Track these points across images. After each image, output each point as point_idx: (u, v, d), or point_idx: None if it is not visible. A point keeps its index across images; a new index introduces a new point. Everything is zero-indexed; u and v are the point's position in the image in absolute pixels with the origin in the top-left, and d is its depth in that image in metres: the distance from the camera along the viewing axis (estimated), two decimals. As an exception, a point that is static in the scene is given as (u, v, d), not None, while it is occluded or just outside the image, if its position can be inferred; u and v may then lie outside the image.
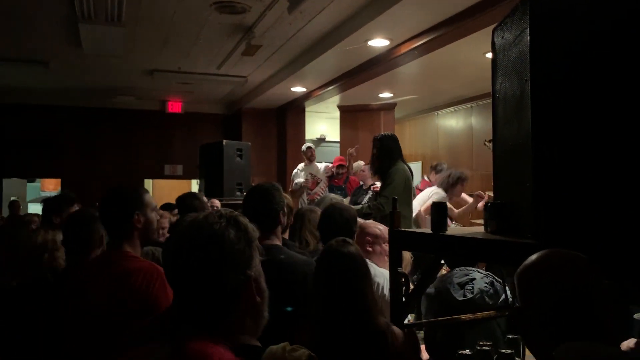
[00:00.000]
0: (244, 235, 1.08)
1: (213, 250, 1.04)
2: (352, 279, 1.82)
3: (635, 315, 2.01)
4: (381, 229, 2.90)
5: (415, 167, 8.87)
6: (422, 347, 2.49)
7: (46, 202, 3.79)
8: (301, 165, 6.95)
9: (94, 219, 2.34)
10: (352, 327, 1.77)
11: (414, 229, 4.28)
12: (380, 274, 2.62)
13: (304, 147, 6.96)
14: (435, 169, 6.28)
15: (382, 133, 4.81)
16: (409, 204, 4.47)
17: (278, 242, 2.32)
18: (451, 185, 5.24)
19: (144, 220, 2.05)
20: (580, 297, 1.13)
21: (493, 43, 1.97)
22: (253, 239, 1.11)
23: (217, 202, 4.90)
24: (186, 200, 3.61)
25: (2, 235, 3.01)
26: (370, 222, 3.12)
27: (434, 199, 5.11)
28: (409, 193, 4.50)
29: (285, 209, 2.39)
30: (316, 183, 6.65)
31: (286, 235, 2.95)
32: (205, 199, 3.91)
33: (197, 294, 1.05)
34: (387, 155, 4.40)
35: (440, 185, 5.31)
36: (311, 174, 6.70)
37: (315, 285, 1.90)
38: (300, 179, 6.74)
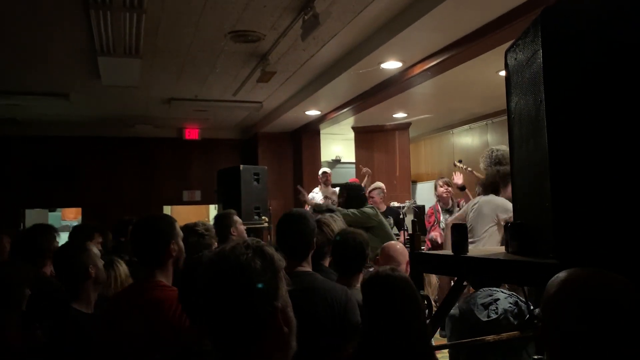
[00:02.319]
0: (270, 266, 1.09)
1: (239, 281, 1.05)
2: (409, 304, 1.78)
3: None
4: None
5: (432, 185, 8.84)
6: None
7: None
8: (317, 189, 7.10)
9: (81, 251, 2.42)
10: (407, 352, 1.73)
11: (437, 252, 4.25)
12: None
13: (320, 172, 7.18)
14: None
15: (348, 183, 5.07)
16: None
17: (309, 269, 2.30)
18: (505, 184, 4.25)
19: (177, 249, 2.07)
20: (617, 317, 1.09)
21: (506, 64, 2.00)
22: (279, 269, 1.11)
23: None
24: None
25: None
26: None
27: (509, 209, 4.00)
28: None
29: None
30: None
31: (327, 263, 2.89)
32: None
33: (224, 326, 1.06)
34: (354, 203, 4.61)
35: (490, 191, 4.31)
36: (327, 197, 6.77)
37: (369, 312, 1.84)
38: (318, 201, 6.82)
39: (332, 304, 2.11)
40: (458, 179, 5.74)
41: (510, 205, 3.89)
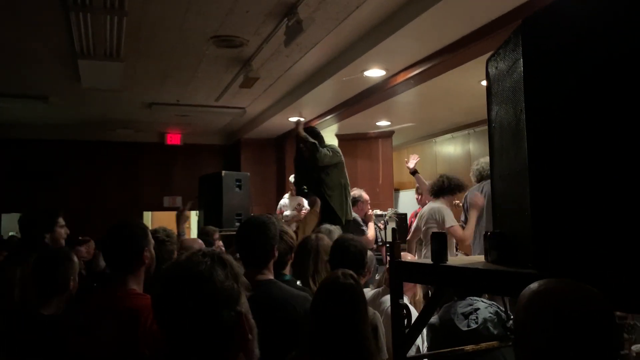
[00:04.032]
0: (231, 272, 1.09)
1: (204, 289, 1.04)
2: (350, 312, 1.80)
3: (634, 347, 1.98)
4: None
5: (414, 194, 8.86)
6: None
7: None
8: (287, 196, 6.94)
9: (64, 261, 2.37)
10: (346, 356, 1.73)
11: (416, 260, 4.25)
12: None
13: (291, 178, 6.95)
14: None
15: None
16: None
17: (271, 277, 2.26)
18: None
19: (150, 257, 2.04)
20: (583, 328, 1.08)
21: (487, 73, 2.00)
22: (239, 275, 1.11)
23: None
24: None
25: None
26: None
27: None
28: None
29: (278, 242, 2.34)
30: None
31: (287, 271, 2.87)
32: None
33: (192, 336, 1.03)
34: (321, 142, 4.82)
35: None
36: (299, 204, 6.67)
37: (311, 314, 1.88)
38: (288, 211, 6.70)
39: (293, 312, 2.09)
40: (411, 163, 5.88)
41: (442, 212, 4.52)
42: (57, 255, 2.49)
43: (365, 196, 5.84)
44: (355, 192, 5.83)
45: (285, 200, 6.93)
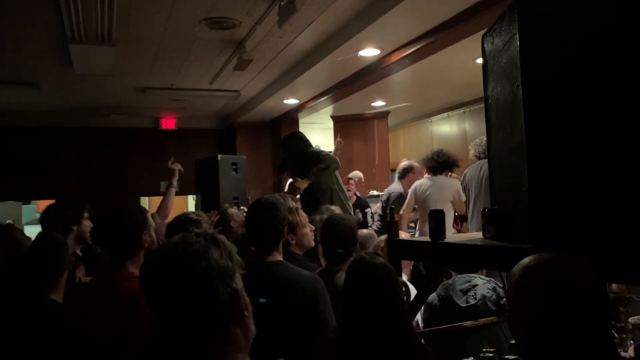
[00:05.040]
0: (224, 250, 1.11)
1: (201, 267, 1.05)
2: (391, 290, 1.79)
3: (631, 319, 2.00)
4: None
5: (411, 174, 8.86)
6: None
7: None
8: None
9: (63, 244, 2.38)
10: (391, 337, 1.73)
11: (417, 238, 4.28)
12: None
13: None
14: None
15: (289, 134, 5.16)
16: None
17: (280, 258, 2.26)
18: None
19: (150, 240, 2.04)
20: (573, 301, 1.09)
21: (483, 49, 1.98)
22: (233, 253, 1.13)
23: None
24: None
25: None
26: None
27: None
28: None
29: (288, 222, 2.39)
30: None
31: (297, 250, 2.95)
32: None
33: (188, 314, 1.04)
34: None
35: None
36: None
37: (345, 299, 1.86)
38: None
39: (301, 293, 2.09)
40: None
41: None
42: (55, 238, 2.48)
43: (417, 165, 5.61)
44: (405, 162, 5.65)
45: (291, 181, 6.94)
